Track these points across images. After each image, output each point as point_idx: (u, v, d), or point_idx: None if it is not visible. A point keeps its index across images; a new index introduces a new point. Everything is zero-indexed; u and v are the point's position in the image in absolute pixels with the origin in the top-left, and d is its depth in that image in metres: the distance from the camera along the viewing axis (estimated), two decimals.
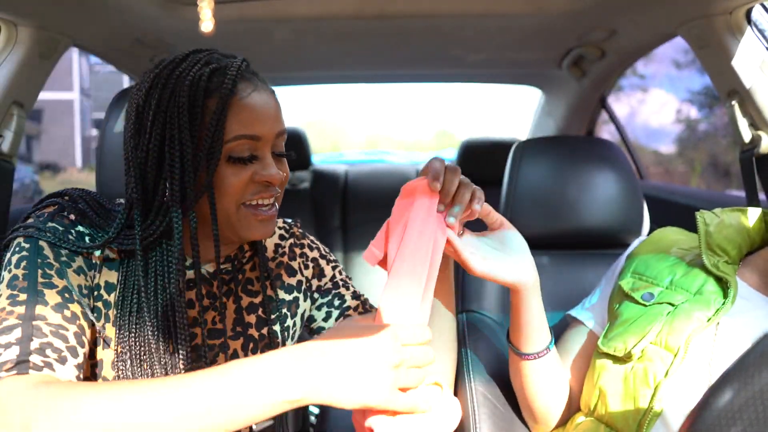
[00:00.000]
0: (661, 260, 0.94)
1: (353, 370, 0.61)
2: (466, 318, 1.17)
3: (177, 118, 0.71)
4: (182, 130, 0.71)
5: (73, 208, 0.76)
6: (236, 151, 0.74)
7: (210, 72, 0.74)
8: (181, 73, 0.73)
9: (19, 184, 9.91)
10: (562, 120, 2.45)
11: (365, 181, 2.59)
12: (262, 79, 0.79)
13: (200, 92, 0.72)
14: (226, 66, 0.75)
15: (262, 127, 0.75)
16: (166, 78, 0.73)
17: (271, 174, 0.76)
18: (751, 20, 1.22)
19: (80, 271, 0.73)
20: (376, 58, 2.06)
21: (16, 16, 1.21)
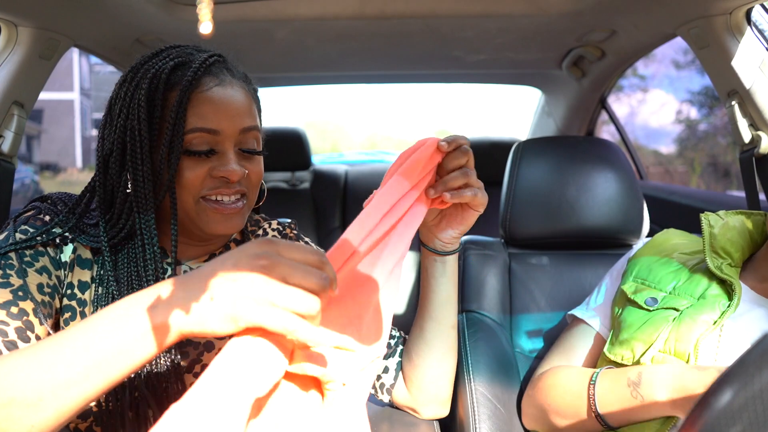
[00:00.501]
0: (663, 265, 0.95)
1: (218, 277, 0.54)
2: (466, 318, 1.17)
3: (137, 111, 0.72)
4: (141, 122, 0.72)
5: (50, 210, 0.77)
6: (193, 145, 0.73)
7: (173, 65, 0.74)
8: (148, 67, 0.74)
9: (19, 184, 9.91)
10: (562, 120, 2.45)
11: (365, 181, 2.59)
12: (237, 75, 0.79)
13: (161, 85, 0.72)
14: (191, 60, 0.75)
15: (222, 121, 0.74)
16: (135, 72, 0.74)
17: (228, 170, 0.74)
18: (751, 20, 1.22)
19: (44, 270, 0.73)
20: (376, 58, 2.06)
21: (16, 16, 1.21)
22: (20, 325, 0.68)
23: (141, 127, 0.72)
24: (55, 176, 17.94)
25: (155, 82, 0.73)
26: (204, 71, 0.74)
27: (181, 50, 0.78)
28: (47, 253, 0.75)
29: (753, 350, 0.41)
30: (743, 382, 0.40)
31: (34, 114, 17.19)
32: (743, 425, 0.39)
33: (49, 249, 0.75)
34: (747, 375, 0.40)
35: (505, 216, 1.23)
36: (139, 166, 0.72)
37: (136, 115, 0.72)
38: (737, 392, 0.40)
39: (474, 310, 1.19)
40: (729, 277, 0.86)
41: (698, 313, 0.85)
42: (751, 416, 0.39)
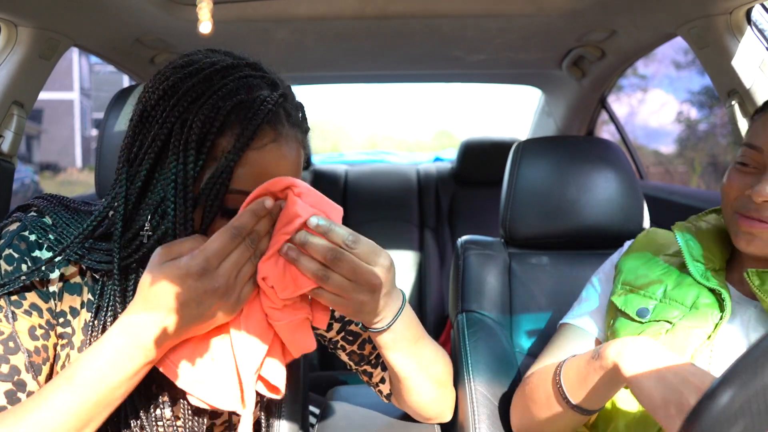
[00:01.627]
0: (650, 269, 0.93)
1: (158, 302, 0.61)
2: (466, 318, 1.17)
3: (182, 153, 0.64)
4: (187, 169, 0.64)
5: (35, 226, 0.71)
6: (231, 203, 0.66)
7: (234, 105, 0.65)
8: (199, 92, 0.65)
9: (19, 184, 9.91)
10: (562, 120, 2.45)
11: (365, 181, 2.59)
12: (294, 117, 0.70)
13: (214, 129, 0.64)
14: (252, 99, 0.66)
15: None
16: (182, 93, 0.65)
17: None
18: (751, 20, 1.22)
19: (34, 309, 0.68)
20: (376, 58, 2.06)
21: (16, 16, 1.21)
22: (10, 388, 0.65)
23: (188, 176, 0.64)
24: (55, 176, 17.94)
25: (209, 125, 0.64)
26: (265, 120, 0.66)
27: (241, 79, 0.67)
28: (34, 287, 0.69)
29: (752, 350, 0.41)
30: (743, 382, 0.40)
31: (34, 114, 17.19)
32: (743, 425, 0.39)
33: (35, 282, 0.69)
34: (747, 375, 0.40)
35: (505, 216, 1.23)
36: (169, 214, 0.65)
37: (179, 160, 0.64)
38: (737, 392, 0.40)
39: (474, 310, 1.19)
40: (717, 287, 0.85)
41: (691, 326, 0.83)
42: (751, 416, 0.39)
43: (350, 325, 0.88)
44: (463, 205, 2.50)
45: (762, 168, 0.82)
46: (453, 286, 1.25)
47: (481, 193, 2.49)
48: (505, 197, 1.24)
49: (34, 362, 0.68)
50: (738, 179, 0.85)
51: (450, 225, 2.49)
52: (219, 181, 0.65)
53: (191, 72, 0.67)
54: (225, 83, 0.66)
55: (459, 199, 2.52)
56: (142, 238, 0.67)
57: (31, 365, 0.67)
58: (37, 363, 0.68)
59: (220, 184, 0.65)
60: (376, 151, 3.68)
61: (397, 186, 2.58)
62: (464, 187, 2.55)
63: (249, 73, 0.68)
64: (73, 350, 0.72)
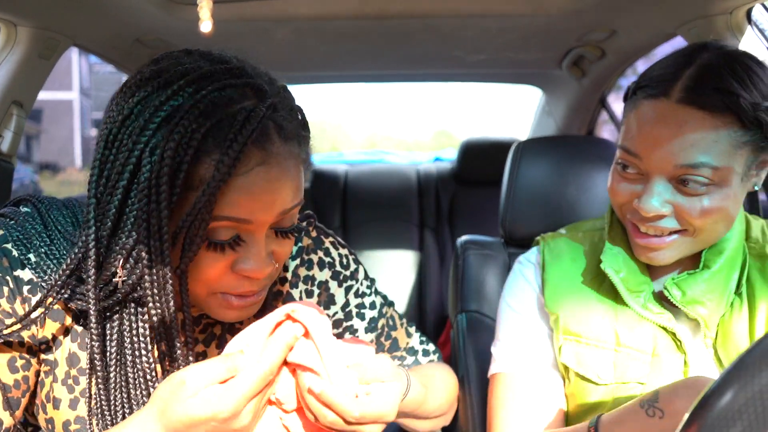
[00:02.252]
0: (587, 308, 0.83)
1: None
2: (466, 318, 1.17)
3: (153, 190, 0.55)
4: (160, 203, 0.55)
5: (20, 240, 0.64)
6: (216, 234, 0.58)
7: (209, 128, 0.55)
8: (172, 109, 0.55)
9: (18, 184, 9.91)
10: (562, 119, 2.45)
11: (365, 181, 2.59)
12: (288, 130, 0.60)
13: (188, 156, 0.54)
14: (233, 120, 0.56)
15: (257, 211, 0.58)
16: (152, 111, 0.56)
17: (253, 269, 0.60)
18: (752, 20, 1.22)
19: (12, 338, 0.64)
20: (376, 57, 2.06)
21: (15, 16, 1.21)
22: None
23: (161, 215, 0.55)
24: (54, 176, 17.93)
25: (184, 149, 0.54)
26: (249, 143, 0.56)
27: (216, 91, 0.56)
28: (15, 313, 0.63)
29: (752, 350, 0.41)
30: (743, 382, 0.40)
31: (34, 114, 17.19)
32: (743, 425, 0.39)
33: (16, 306, 0.63)
34: (747, 375, 0.40)
35: (505, 216, 1.23)
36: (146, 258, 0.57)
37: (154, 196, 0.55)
38: (737, 392, 0.40)
39: (473, 310, 1.19)
40: (664, 324, 0.78)
41: (663, 380, 0.76)
42: (751, 416, 0.39)
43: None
44: (463, 205, 2.50)
45: (645, 175, 0.74)
46: (452, 287, 1.25)
47: (481, 193, 2.49)
48: (504, 197, 1.24)
49: (12, 398, 0.65)
50: (623, 185, 0.78)
51: (450, 225, 2.49)
52: (199, 216, 0.55)
53: (159, 85, 0.57)
54: (198, 99, 0.55)
55: (459, 199, 2.52)
56: (116, 284, 0.60)
57: (8, 402, 0.64)
58: (16, 397, 0.65)
59: (201, 219, 0.55)
60: (375, 151, 3.68)
61: (397, 186, 2.58)
62: (464, 186, 2.55)
63: (228, 83, 0.58)
64: (56, 383, 0.67)
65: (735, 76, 0.69)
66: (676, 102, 0.71)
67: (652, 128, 0.72)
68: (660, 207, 0.72)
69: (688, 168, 0.70)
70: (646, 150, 0.73)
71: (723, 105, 0.69)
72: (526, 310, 0.89)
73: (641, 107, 0.74)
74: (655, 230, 0.75)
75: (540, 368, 0.85)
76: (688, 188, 0.72)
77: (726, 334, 0.77)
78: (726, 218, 0.74)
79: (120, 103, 0.59)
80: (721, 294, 0.78)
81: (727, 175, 0.71)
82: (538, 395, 0.83)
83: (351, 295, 0.83)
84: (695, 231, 0.74)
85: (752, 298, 0.77)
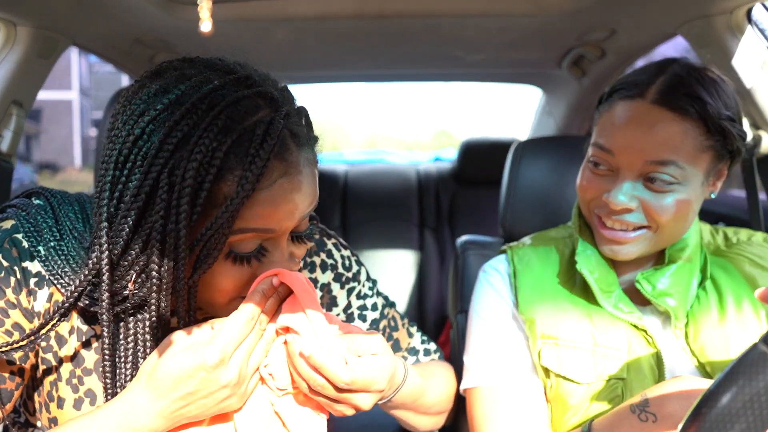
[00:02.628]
0: (561, 311, 0.85)
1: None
2: (466, 318, 1.16)
3: (173, 210, 0.54)
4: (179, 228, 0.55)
5: (31, 231, 0.64)
6: (241, 246, 0.59)
7: (230, 145, 0.55)
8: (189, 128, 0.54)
9: (18, 183, 9.91)
10: (563, 119, 2.45)
11: (365, 180, 2.59)
12: (303, 138, 0.60)
13: (209, 177, 0.54)
14: (253, 134, 0.55)
15: (281, 221, 0.59)
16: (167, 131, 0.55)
17: None
18: (752, 20, 1.22)
19: (16, 329, 0.63)
20: (375, 57, 2.06)
21: (15, 15, 1.21)
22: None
23: (180, 234, 0.54)
24: (54, 176, 17.93)
25: (206, 169, 0.54)
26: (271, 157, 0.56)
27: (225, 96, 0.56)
28: (19, 304, 0.63)
29: (752, 350, 0.41)
30: (743, 382, 0.40)
31: (33, 113, 17.18)
32: (743, 425, 0.39)
33: (21, 297, 0.63)
34: (747, 375, 0.40)
35: (505, 216, 1.23)
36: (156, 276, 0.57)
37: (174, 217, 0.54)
38: (737, 392, 0.40)
39: None
40: (635, 322, 0.82)
41: (641, 375, 0.80)
42: (751, 416, 0.39)
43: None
44: (463, 205, 2.50)
45: (615, 171, 0.80)
46: (452, 287, 1.25)
47: (481, 193, 2.49)
48: (504, 197, 1.24)
49: (5, 389, 0.64)
50: (593, 181, 0.82)
51: (450, 225, 2.49)
52: (219, 231, 0.55)
53: (170, 104, 0.56)
54: (215, 115, 0.55)
55: (459, 198, 2.52)
56: (126, 296, 0.60)
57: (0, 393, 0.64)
58: (9, 389, 0.65)
59: (220, 233, 0.56)
60: (375, 151, 3.68)
61: (397, 186, 2.58)
62: (464, 186, 2.55)
63: (241, 95, 0.57)
64: (60, 381, 0.67)
65: (703, 86, 0.77)
66: (651, 102, 0.77)
67: (626, 126, 0.78)
68: (628, 201, 0.78)
69: (657, 165, 0.76)
70: (620, 146, 0.78)
71: (692, 109, 0.76)
72: (498, 320, 0.89)
73: (616, 107, 0.81)
74: (621, 224, 0.80)
75: (519, 377, 0.85)
76: (655, 185, 0.78)
77: (696, 324, 0.82)
78: (686, 218, 0.80)
79: (128, 122, 0.57)
80: (686, 287, 0.83)
81: (690, 176, 0.77)
82: (521, 405, 0.83)
83: (353, 297, 0.84)
84: (658, 227, 0.80)
85: (720, 293, 0.83)
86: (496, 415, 0.83)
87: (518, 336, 0.88)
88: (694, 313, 0.83)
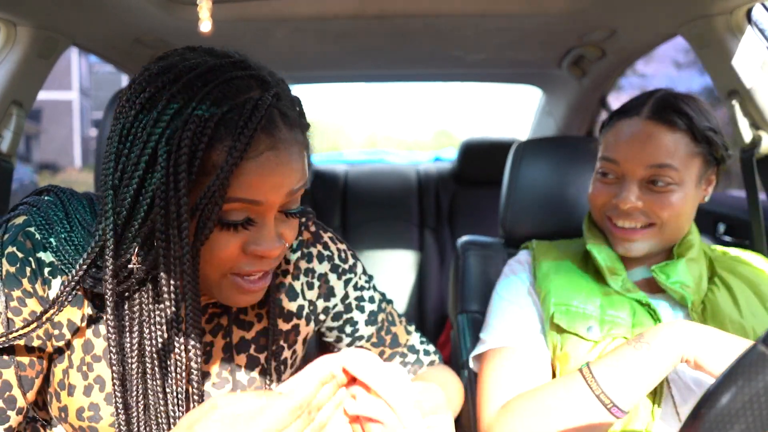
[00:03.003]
0: (576, 284, 0.96)
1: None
2: (466, 319, 1.17)
3: (172, 171, 0.58)
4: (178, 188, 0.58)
5: (43, 225, 0.67)
6: (229, 215, 0.62)
7: (220, 117, 0.59)
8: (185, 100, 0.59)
9: (18, 184, 9.91)
10: (563, 120, 2.45)
11: (365, 181, 2.59)
12: (292, 117, 0.64)
13: (203, 142, 0.58)
14: (243, 108, 0.60)
15: (268, 192, 0.62)
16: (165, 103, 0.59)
17: (265, 249, 0.63)
18: (752, 20, 1.22)
19: (33, 317, 0.64)
20: (375, 57, 2.06)
21: (15, 15, 1.21)
22: (0, 406, 0.63)
23: (180, 195, 0.58)
24: (54, 176, 17.94)
25: (198, 137, 0.58)
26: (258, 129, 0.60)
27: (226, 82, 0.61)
28: (35, 293, 0.65)
29: (752, 350, 0.41)
30: (743, 382, 0.40)
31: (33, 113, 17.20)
32: (743, 425, 0.39)
33: (37, 286, 0.66)
34: (747, 375, 0.40)
35: (505, 216, 1.23)
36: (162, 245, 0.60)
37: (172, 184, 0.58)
38: (737, 392, 0.40)
39: (474, 310, 1.19)
40: (641, 298, 0.92)
41: None
42: (750, 416, 0.39)
43: (360, 342, 0.87)
44: (463, 205, 2.50)
45: (622, 178, 0.94)
46: (453, 287, 1.25)
47: (481, 193, 2.49)
48: (505, 197, 1.24)
49: (26, 377, 0.66)
50: (603, 189, 0.97)
51: (450, 225, 2.49)
52: (213, 199, 0.59)
53: (169, 80, 0.60)
54: (209, 90, 0.59)
55: (459, 199, 2.52)
56: (131, 269, 0.62)
57: (20, 381, 0.65)
58: (30, 377, 0.66)
59: (214, 202, 0.59)
60: (375, 151, 3.68)
61: (397, 186, 2.58)
62: (464, 187, 2.55)
63: (235, 74, 0.61)
64: (72, 368, 0.69)
65: (687, 104, 0.93)
66: (646, 118, 0.93)
67: (627, 139, 0.93)
68: (635, 201, 0.91)
69: (656, 168, 0.90)
70: (623, 156, 0.93)
71: (680, 122, 0.91)
72: (517, 299, 0.99)
73: (617, 126, 0.96)
74: (630, 222, 0.93)
75: (528, 343, 0.94)
76: (657, 186, 0.91)
77: (714, 310, 0.91)
78: (684, 216, 0.93)
79: (131, 98, 0.61)
80: (699, 279, 0.94)
81: (685, 178, 0.91)
82: (527, 367, 0.92)
83: (350, 287, 0.84)
84: (662, 224, 0.92)
85: (729, 288, 0.94)
86: (505, 372, 0.92)
87: (531, 310, 0.97)
88: (711, 300, 0.92)
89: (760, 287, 0.94)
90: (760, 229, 1.28)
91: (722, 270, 0.97)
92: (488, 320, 1.00)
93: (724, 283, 0.95)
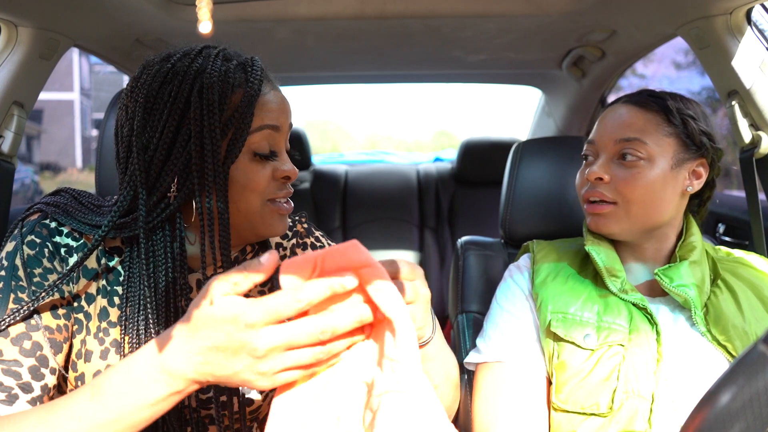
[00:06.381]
0: (572, 291, 0.95)
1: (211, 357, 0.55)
2: (466, 319, 1.17)
3: (207, 114, 0.71)
4: (213, 124, 0.71)
5: (56, 215, 0.76)
6: (259, 147, 0.76)
7: (235, 67, 0.75)
8: (201, 67, 0.73)
9: (19, 184, 9.91)
10: (562, 120, 2.45)
11: (365, 181, 2.59)
12: (273, 77, 0.82)
13: (228, 87, 0.73)
14: (247, 63, 0.77)
15: (282, 119, 0.78)
16: (184, 72, 0.73)
17: (289, 169, 0.78)
18: (751, 20, 1.22)
19: (55, 289, 0.73)
20: (376, 58, 2.06)
21: (16, 16, 1.21)
22: (34, 363, 0.68)
23: (213, 131, 0.71)
24: (55, 176, 17.93)
25: (222, 85, 0.73)
26: (264, 75, 0.77)
27: (223, 51, 0.78)
28: (55, 269, 0.74)
29: (752, 351, 0.41)
30: (743, 382, 0.40)
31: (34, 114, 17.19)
32: (743, 425, 0.39)
33: (56, 263, 0.74)
34: (747, 375, 0.40)
35: (505, 216, 1.23)
36: (209, 172, 0.71)
37: (204, 118, 0.71)
38: (737, 392, 0.40)
39: (474, 311, 1.19)
40: (638, 302, 0.91)
41: (641, 348, 0.87)
42: (750, 416, 0.39)
43: None
44: (463, 205, 2.50)
45: (597, 157, 0.97)
46: (453, 287, 1.25)
47: (481, 193, 2.49)
48: (504, 198, 1.24)
49: (55, 339, 0.71)
50: (583, 171, 0.99)
51: (450, 225, 2.49)
52: (241, 121, 0.73)
53: (185, 54, 0.75)
54: (215, 54, 0.76)
55: (459, 199, 2.52)
56: (167, 200, 0.73)
57: (51, 345, 0.70)
58: (58, 341, 0.71)
59: (241, 129, 0.72)
60: (376, 151, 3.68)
61: (397, 186, 2.58)
62: (464, 187, 2.55)
63: (223, 48, 0.79)
64: (89, 335, 0.75)
65: (669, 95, 0.96)
66: (622, 103, 0.98)
67: (603, 121, 0.98)
68: (600, 172, 0.93)
69: (624, 142, 0.93)
70: (598, 135, 0.97)
71: (654, 105, 0.94)
72: (514, 307, 0.98)
73: (602, 115, 1.01)
74: (595, 195, 0.94)
75: (525, 358, 0.93)
76: (626, 161, 0.92)
77: (717, 313, 0.90)
78: (654, 199, 0.92)
79: (149, 77, 0.73)
80: (702, 281, 0.92)
81: (656, 155, 0.92)
82: (523, 383, 0.91)
83: None
84: (626, 203, 0.92)
85: (732, 291, 0.93)
86: (498, 389, 0.91)
87: (528, 319, 0.96)
88: (713, 305, 0.91)
89: (764, 291, 0.93)
90: (760, 229, 1.28)
91: (725, 272, 0.96)
92: (485, 328, 0.99)
93: (727, 285, 0.94)
